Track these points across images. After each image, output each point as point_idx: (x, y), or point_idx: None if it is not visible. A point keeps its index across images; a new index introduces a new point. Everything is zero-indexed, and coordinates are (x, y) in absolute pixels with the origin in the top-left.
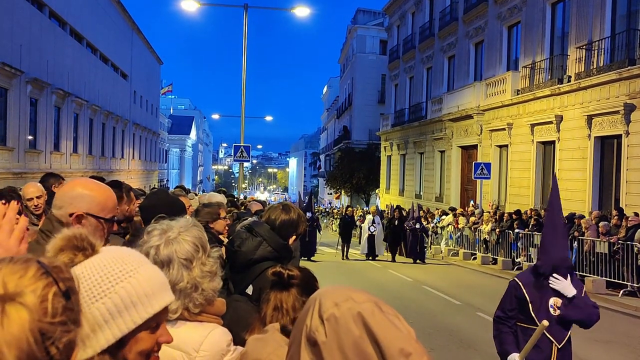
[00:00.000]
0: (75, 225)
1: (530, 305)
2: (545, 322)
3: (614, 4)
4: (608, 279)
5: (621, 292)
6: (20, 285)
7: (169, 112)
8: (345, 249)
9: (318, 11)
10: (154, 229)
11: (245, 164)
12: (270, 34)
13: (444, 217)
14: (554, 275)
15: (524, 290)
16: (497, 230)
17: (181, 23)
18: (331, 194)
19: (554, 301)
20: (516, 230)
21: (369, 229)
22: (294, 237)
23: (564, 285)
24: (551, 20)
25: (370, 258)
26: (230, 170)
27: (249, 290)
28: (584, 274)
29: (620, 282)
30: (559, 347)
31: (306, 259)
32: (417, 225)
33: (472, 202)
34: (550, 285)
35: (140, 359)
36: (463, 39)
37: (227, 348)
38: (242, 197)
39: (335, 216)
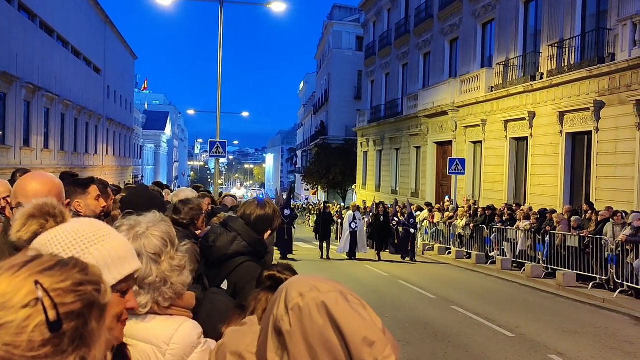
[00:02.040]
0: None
1: None
2: None
3: (584, 4)
4: (578, 272)
5: (590, 284)
6: None
7: (143, 107)
8: (324, 248)
9: (294, 6)
10: (121, 225)
11: (222, 160)
12: (247, 29)
13: (419, 212)
14: None
15: None
16: (472, 225)
17: (156, 17)
18: (308, 189)
19: None
20: (490, 224)
21: (350, 225)
22: (269, 232)
23: None
24: (524, 18)
25: (353, 258)
26: (206, 166)
27: (224, 285)
28: (556, 267)
29: (590, 275)
30: None
31: (288, 258)
32: (410, 221)
33: (447, 198)
34: None
35: (111, 322)
36: (438, 36)
37: (197, 341)
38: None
39: (312, 212)
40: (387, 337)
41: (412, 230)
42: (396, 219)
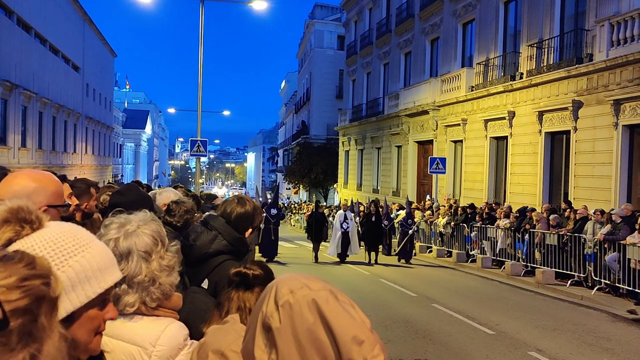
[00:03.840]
0: None
1: None
2: None
3: (563, 4)
4: (557, 269)
5: (569, 282)
6: None
7: (123, 105)
8: (317, 251)
9: (276, 5)
10: (111, 222)
11: (203, 159)
12: (228, 27)
13: (400, 211)
14: None
15: None
16: (452, 223)
17: (136, 14)
18: (290, 189)
19: None
20: (471, 223)
21: (341, 226)
22: (250, 230)
23: None
24: (504, 18)
25: (344, 261)
26: (187, 165)
27: (205, 284)
28: (535, 265)
29: (569, 272)
30: None
31: (273, 260)
32: (409, 222)
33: (428, 197)
34: None
35: (89, 336)
36: (419, 36)
37: (184, 342)
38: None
39: (294, 211)
40: (375, 337)
41: (410, 232)
42: (386, 221)
